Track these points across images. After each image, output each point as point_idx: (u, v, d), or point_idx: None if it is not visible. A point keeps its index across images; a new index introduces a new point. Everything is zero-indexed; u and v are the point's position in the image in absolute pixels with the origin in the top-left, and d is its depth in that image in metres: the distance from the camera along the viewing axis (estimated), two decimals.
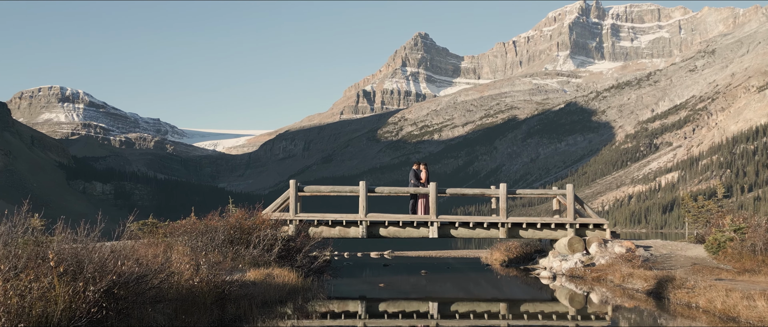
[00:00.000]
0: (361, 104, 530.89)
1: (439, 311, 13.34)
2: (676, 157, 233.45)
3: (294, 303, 12.93)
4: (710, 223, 36.28)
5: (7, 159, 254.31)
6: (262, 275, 13.42)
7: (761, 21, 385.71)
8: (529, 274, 20.05)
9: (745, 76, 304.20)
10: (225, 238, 16.13)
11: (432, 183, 20.15)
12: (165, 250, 14.74)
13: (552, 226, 20.40)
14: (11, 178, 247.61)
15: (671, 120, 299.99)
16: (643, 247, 19.42)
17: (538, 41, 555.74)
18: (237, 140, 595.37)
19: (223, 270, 11.95)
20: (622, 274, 15.51)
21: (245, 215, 16.83)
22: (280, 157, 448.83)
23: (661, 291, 13.19)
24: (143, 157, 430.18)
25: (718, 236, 18.60)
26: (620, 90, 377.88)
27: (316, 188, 20.79)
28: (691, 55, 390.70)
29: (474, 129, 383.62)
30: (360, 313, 13.08)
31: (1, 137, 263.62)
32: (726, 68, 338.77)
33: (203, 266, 10.19)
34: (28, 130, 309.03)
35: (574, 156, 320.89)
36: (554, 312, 12.88)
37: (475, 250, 31.63)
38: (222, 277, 10.93)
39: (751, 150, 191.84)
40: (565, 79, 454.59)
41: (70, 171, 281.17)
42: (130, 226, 18.56)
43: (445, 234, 20.34)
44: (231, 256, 15.63)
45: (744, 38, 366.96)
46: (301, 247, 17.12)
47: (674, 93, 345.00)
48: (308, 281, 15.03)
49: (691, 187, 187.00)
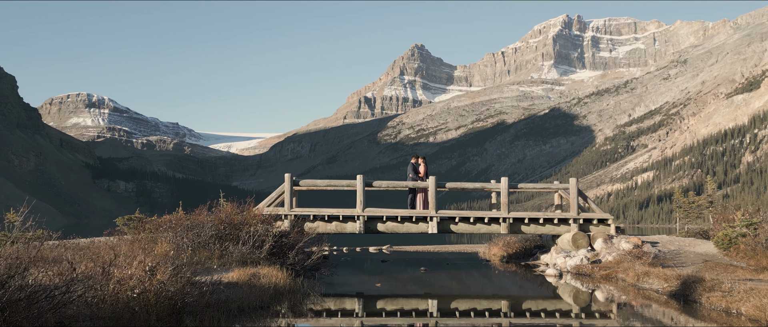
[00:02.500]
0: (362, 109, 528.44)
1: (438, 309, 11.51)
2: (651, 158, 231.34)
3: (279, 307, 10.45)
4: (701, 217, 34.04)
5: (38, 160, 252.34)
6: (246, 275, 11.06)
7: (729, 33, 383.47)
8: (531, 270, 17.66)
9: (715, 84, 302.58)
10: (212, 234, 13.81)
11: (431, 177, 17.78)
12: (144, 248, 12.42)
13: (555, 222, 17.98)
14: (42, 177, 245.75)
15: (647, 124, 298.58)
16: (650, 242, 17.02)
17: (524, 52, 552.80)
18: (249, 142, 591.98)
19: (199, 271, 9.71)
20: (637, 273, 13.09)
21: (235, 210, 14.49)
22: (288, 157, 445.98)
23: (689, 293, 10.74)
24: (163, 158, 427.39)
25: (728, 232, 16.27)
26: (600, 96, 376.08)
27: (312, 182, 18.38)
28: (664, 65, 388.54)
29: (466, 132, 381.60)
30: (357, 311, 11.26)
31: (33, 140, 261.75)
32: (697, 77, 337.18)
33: (164, 268, 7.66)
34: (58, 133, 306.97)
35: (557, 157, 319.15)
36: (572, 315, 10.56)
37: (473, 245, 29.11)
38: (193, 280, 8.54)
39: (720, 151, 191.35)
40: (549, 86, 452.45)
41: (95, 170, 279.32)
42: (116, 222, 16.23)
43: (445, 229, 17.97)
44: (217, 254, 13.30)
45: (713, 49, 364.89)
46: (294, 244, 14.76)
47: (649, 99, 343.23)
48: (298, 281, 12.50)
49: (665, 185, 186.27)
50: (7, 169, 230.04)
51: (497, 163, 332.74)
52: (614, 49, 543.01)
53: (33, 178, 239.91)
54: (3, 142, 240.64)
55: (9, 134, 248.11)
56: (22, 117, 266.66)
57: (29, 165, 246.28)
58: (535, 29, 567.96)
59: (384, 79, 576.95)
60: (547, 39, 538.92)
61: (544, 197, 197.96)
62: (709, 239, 19.01)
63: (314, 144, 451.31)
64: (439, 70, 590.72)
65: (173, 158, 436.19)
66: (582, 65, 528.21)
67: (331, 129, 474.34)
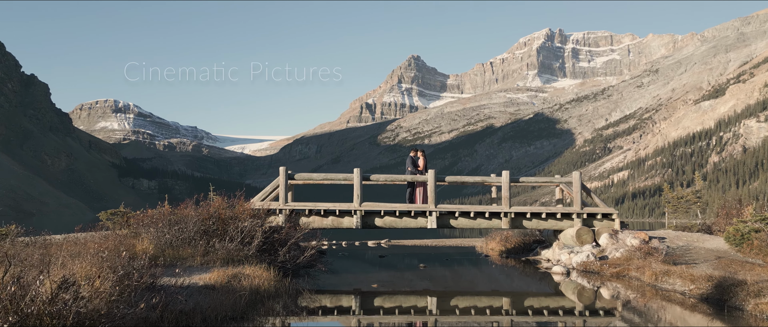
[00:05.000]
0: (364, 114, 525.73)
1: (437, 306, 9.99)
2: (626, 159, 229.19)
3: (256, 316, 8.08)
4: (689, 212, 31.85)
5: (69, 160, 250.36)
6: (226, 276, 8.84)
7: (696, 45, 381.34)
8: (533, 266, 15.40)
9: (684, 91, 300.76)
10: (199, 229, 11.61)
11: (430, 170, 15.50)
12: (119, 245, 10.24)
13: (558, 216, 15.65)
14: (72, 175, 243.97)
15: (622, 128, 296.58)
16: (657, 238, 14.80)
17: (511, 62, 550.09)
18: (261, 144, 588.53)
19: (179, 271, 7.58)
20: (654, 272, 10.84)
21: (224, 204, 12.29)
22: (296, 158, 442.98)
23: (727, 298, 8.45)
24: (183, 159, 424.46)
25: (740, 227, 14.08)
26: (579, 103, 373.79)
27: (308, 176, 16.15)
28: (638, 74, 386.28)
29: (458, 135, 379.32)
30: (354, 308, 9.73)
31: (64, 142, 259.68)
32: (667, 85, 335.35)
33: (105, 276, 5.30)
34: (87, 136, 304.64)
35: (541, 157, 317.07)
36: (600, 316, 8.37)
37: (470, 239, 26.77)
38: (159, 285, 6.33)
39: (688, 152, 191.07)
40: (533, 93, 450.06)
41: (121, 170, 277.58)
42: (99, 216, 13.99)
43: (445, 224, 15.67)
44: (201, 251, 11.10)
45: (682, 60, 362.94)
46: (286, 239, 12.52)
47: (624, 105, 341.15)
48: (286, 282, 10.23)
49: (639, 183, 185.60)
50: (41, 169, 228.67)
51: (486, 163, 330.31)
52: (592, 59, 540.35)
53: (64, 177, 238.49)
54: (37, 144, 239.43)
55: (42, 137, 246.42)
56: (55, 121, 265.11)
57: (61, 165, 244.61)
58: (521, 41, 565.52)
59: (383, 86, 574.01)
60: (531, 50, 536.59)
61: (529, 194, 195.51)
62: (712, 234, 16.82)
63: (320, 146, 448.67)
64: (433, 79, 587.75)
65: (192, 159, 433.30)
66: (563, 74, 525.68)
67: (335, 132, 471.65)
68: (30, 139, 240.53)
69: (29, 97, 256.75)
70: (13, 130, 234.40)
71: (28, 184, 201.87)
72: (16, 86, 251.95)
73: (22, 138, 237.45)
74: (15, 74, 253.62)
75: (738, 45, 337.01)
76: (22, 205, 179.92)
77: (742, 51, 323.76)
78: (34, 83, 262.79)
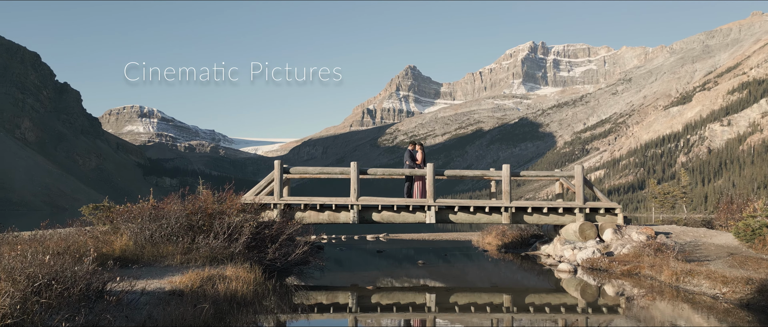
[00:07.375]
0: (365, 119, 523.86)
1: (436, 303, 8.79)
2: (602, 159, 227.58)
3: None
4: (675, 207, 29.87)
5: (99, 160, 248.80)
6: (199, 279, 6.92)
7: (666, 57, 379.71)
8: (533, 261, 13.52)
9: (654, 98, 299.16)
10: (182, 225, 9.70)
11: (429, 164, 13.55)
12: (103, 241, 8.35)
13: (560, 211, 13.75)
14: (101, 174, 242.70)
15: (598, 131, 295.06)
16: (663, 233, 12.89)
17: (498, 72, 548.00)
18: (272, 146, 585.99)
19: (152, 271, 5.72)
20: (674, 271, 8.92)
21: (211, 198, 10.38)
22: (304, 159, 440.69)
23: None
24: (202, 159, 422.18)
25: (750, 222, 12.23)
26: (560, 108, 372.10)
27: (304, 169, 14.25)
28: (613, 82, 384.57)
29: (450, 138, 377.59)
30: (351, 305, 8.59)
31: (94, 144, 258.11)
32: (639, 92, 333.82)
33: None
34: (115, 138, 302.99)
35: (525, 158, 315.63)
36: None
37: (467, 233, 24.81)
38: (108, 290, 4.45)
39: (659, 153, 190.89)
40: (518, 100, 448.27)
41: (146, 169, 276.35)
42: (82, 211, 12.06)
43: (444, 219, 13.73)
44: (182, 249, 9.20)
45: (653, 69, 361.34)
46: (277, 235, 10.59)
47: (601, 111, 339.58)
48: (269, 285, 8.30)
49: (614, 181, 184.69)
50: (73, 168, 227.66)
51: (476, 163, 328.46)
52: (572, 69, 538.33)
53: (94, 175, 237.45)
54: (70, 146, 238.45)
55: (74, 139, 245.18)
56: (86, 125, 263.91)
57: (91, 164, 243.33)
58: (507, 53, 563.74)
59: (383, 94, 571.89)
60: (516, 61, 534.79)
61: (515, 191, 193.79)
62: (713, 228, 14.94)
63: (326, 147, 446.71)
64: (428, 87, 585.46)
65: (210, 159, 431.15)
66: (545, 83, 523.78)
67: (339, 135, 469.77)
68: (63, 141, 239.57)
69: (62, 103, 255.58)
70: (48, 133, 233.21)
71: (61, 182, 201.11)
72: (51, 93, 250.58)
73: (56, 140, 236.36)
74: (50, 82, 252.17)
75: (703, 56, 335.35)
76: (56, 201, 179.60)
77: (707, 62, 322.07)
78: (67, 90, 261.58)
